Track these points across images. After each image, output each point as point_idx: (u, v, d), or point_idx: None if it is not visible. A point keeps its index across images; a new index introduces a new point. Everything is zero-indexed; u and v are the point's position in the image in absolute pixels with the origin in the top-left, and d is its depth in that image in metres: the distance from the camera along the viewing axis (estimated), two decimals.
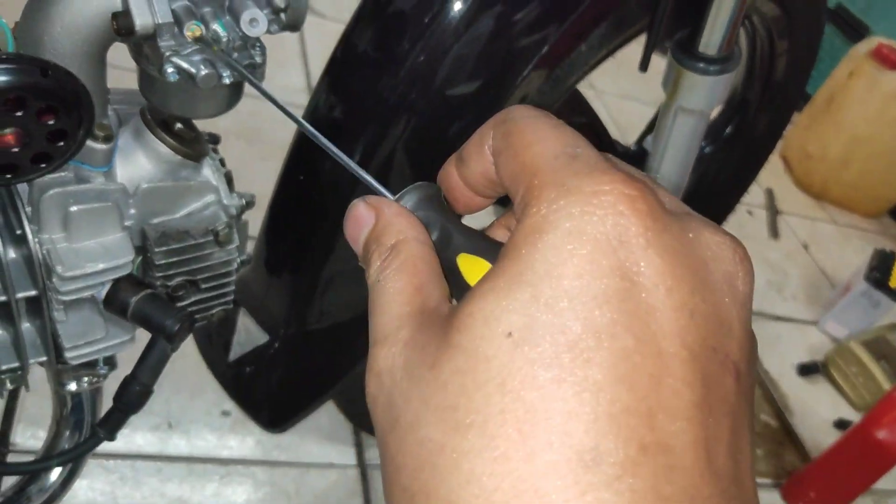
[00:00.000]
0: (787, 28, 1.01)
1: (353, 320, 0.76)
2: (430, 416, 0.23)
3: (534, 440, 0.21)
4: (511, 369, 0.22)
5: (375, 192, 0.32)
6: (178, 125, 0.65)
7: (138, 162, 0.64)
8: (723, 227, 0.27)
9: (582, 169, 0.24)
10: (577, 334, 0.22)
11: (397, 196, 0.32)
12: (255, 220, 0.77)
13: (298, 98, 1.94)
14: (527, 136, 0.27)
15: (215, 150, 0.71)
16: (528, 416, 0.22)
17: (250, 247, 0.80)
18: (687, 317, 0.23)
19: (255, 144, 1.53)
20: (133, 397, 0.64)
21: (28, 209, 0.59)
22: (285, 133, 0.82)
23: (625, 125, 2.41)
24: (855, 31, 2.82)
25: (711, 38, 0.78)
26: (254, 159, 1.62)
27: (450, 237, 0.30)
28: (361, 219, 0.30)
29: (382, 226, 0.29)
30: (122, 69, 0.65)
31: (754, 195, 2.41)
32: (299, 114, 0.65)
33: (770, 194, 2.52)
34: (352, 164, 0.35)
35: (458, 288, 0.29)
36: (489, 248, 0.29)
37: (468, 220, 0.32)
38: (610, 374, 0.22)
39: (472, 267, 0.29)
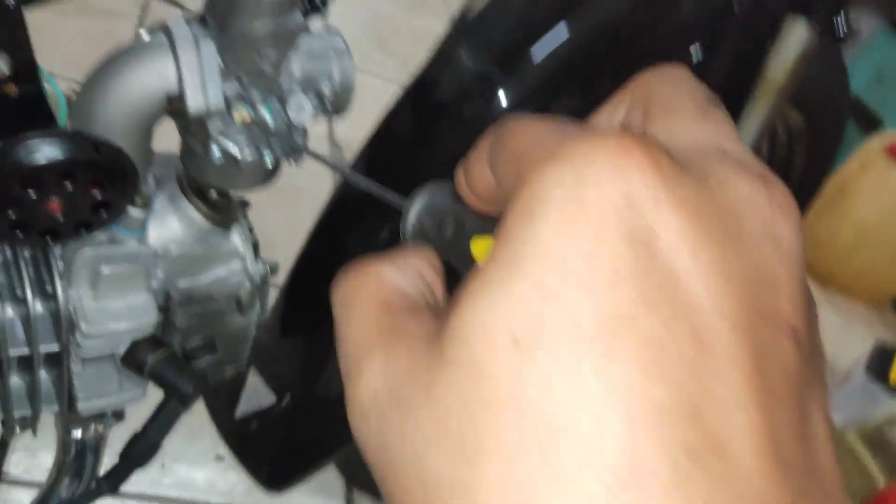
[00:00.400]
0: (806, 137, 1.04)
1: None
2: (435, 449, 0.19)
3: (560, 463, 0.18)
4: (523, 383, 0.19)
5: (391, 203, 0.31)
6: (213, 192, 0.67)
7: (171, 226, 0.66)
8: None
9: (572, 134, 0.21)
10: (593, 326, 0.18)
11: (410, 195, 0.31)
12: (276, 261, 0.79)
13: (321, 145, 1.98)
14: (516, 132, 0.23)
15: (245, 216, 0.72)
16: (550, 435, 0.18)
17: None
18: (721, 279, 0.19)
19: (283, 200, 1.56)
20: (139, 454, 0.65)
21: (60, 263, 0.61)
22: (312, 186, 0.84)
23: None
24: (870, 122, 2.87)
25: None
26: (274, 206, 1.65)
27: (462, 223, 0.28)
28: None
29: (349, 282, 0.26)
30: None
31: None
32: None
33: None
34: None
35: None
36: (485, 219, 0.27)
37: None
38: (638, 369, 0.18)
39: (487, 250, 0.25)
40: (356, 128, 1.72)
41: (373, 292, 0.24)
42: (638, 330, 0.18)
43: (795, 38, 0.70)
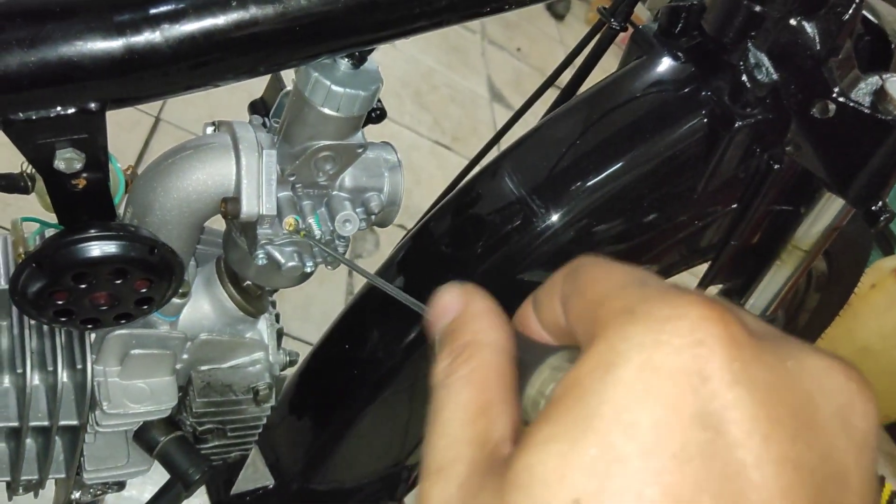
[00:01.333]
0: (824, 285, 1.05)
1: (353, 489, 0.78)
2: None
3: None
4: None
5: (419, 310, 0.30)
6: (249, 281, 0.68)
7: (202, 310, 0.67)
8: None
9: (653, 294, 0.21)
10: (657, 503, 0.18)
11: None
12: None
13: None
14: (594, 274, 0.23)
15: (273, 304, 0.74)
16: None
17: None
18: (790, 471, 0.18)
19: None
20: None
21: (92, 336, 0.62)
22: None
23: None
24: (886, 241, 2.89)
25: (758, 300, 0.81)
26: None
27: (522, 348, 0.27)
28: (448, 305, 0.27)
29: (464, 319, 0.26)
30: None
31: None
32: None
33: None
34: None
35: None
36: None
37: None
38: None
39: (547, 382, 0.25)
40: None
41: (478, 388, 0.24)
42: None
43: (831, 210, 0.72)
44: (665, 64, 0.73)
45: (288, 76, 0.62)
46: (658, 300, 0.20)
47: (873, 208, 0.71)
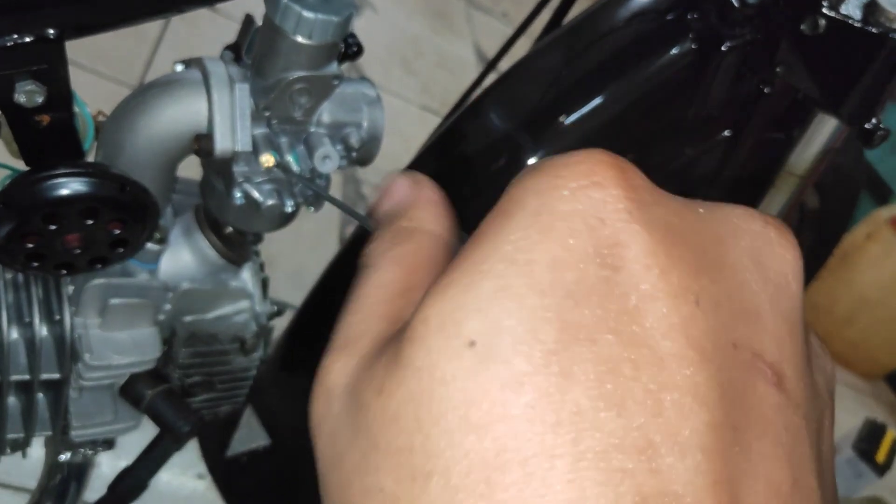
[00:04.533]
0: (817, 222, 1.04)
1: None
2: (381, 459, 0.18)
3: (503, 494, 0.16)
4: (476, 394, 0.17)
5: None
6: (229, 228, 0.67)
7: (183, 259, 0.65)
8: None
9: (563, 154, 0.20)
10: (554, 342, 0.17)
11: None
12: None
13: (333, 176, 1.97)
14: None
15: (257, 253, 0.72)
16: (498, 460, 0.16)
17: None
18: (691, 304, 0.17)
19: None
20: (128, 490, 0.64)
21: (70, 288, 0.60)
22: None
23: None
24: (880, 192, 2.88)
25: None
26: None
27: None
28: (395, 190, 0.26)
29: (408, 205, 0.25)
30: None
31: None
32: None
33: None
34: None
35: None
36: None
37: None
38: (594, 395, 0.16)
39: None
40: None
41: (406, 269, 0.22)
42: (599, 351, 0.17)
43: (823, 132, 0.70)
44: None
45: (259, 15, 0.60)
46: (560, 155, 0.20)
47: (867, 126, 0.69)
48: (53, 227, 0.49)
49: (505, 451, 0.16)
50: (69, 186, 0.48)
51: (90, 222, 0.50)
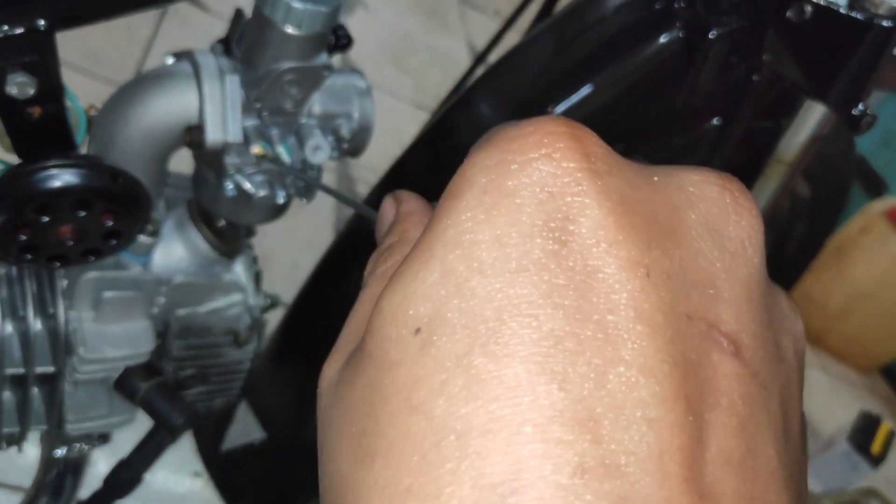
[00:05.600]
0: (809, 211, 1.04)
1: None
2: (342, 444, 0.19)
3: (440, 470, 0.16)
4: (418, 377, 0.17)
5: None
6: (222, 221, 0.67)
7: (176, 252, 0.65)
8: None
9: (508, 123, 0.19)
10: (494, 320, 0.17)
11: None
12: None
13: (326, 174, 1.97)
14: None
15: (250, 246, 0.72)
16: (435, 438, 0.17)
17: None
18: (641, 277, 0.17)
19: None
20: (123, 483, 0.65)
21: (63, 282, 0.61)
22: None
23: None
24: (873, 185, 2.89)
25: None
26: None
27: None
28: (384, 213, 0.27)
29: (394, 221, 0.26)
30: None
31: None
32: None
33: None
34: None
35: None
36: None
37: None
38: (535, 371, 0.16)
39: None
40: (368, 148, 1.72)
41: (386, 276, 0.23)
42: (540, 326, 0.17)
43: (811, 119, 0.71)
44: None
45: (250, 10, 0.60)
46: (510, 126, 0.19)
47: (854, 112, 0.69)
48: (46, 219, 0.50)
49: (441, 430, 0.16)
50: (61, 178, 0.49)
51: (83, 214, 0.50)
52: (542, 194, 0.18)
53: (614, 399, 0.16)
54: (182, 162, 0.64)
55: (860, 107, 0.67)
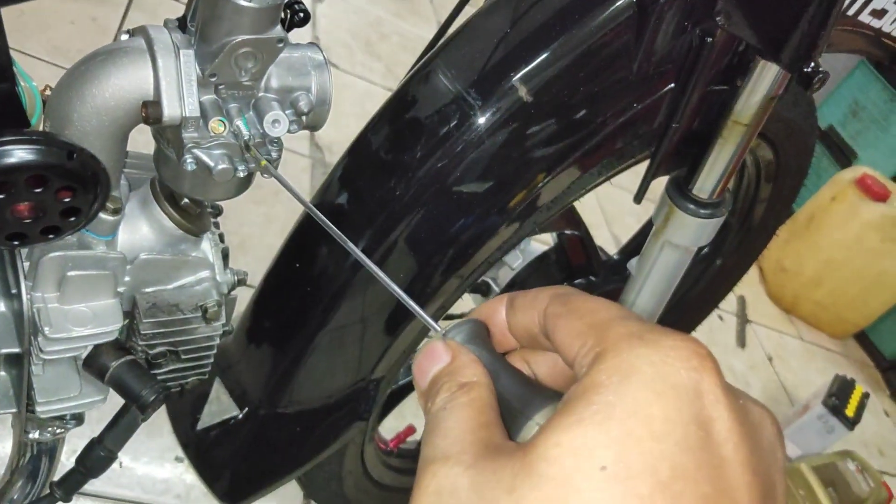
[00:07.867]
0: (774, 174, 1.06)
1: (321, 409, 0.77)
2: None
3: None
4: (604, 502, 0.23)
5: (425, 324, 0.36)
6: (186, 200, 0.67)
7: (140, 231, 0.66)
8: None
9: (654, 328, 0.28)
10: (667, 476, 0.24)
11: (447, 328, 0.34)
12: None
13: (303, 145, 1.97)
14: (589, 304, 0.31)
15: (216, 224, 0.72)
16: None
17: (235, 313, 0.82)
18: (751, 473, 0.25)
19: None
20: (96, 462, 0.65)
21: (26, 264, 0.61)
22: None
23: (611, 213, 2.46)
24: (843, 154, 2.92)
25: (706, 183, 0.81)
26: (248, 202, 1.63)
27: (498, 376, 0.33)
28: (437, 355, 0.33)
29: (458, 366, 0.32)
30: None
31: (728, 301, 2.46)
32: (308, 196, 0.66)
33: (742, 302, 2.57)
34: (402, 295, 0.37)
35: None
36: (535, 394, 0.32)
37: None
38: None
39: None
40: (339, 129, 1.71)
41: (478, 411, 0.30)
42: (697, 490, 0.24)
43: (766, 80, 0.72)
44: None
45: None
46: (661, 333, 0.27)
47: (807, 70, 0.71)
48: (2, 196, 0.50)
49: None
50: (15, 154, 0.49)
51: (39, 191, 0.51)
52: (693, 394, 0.26)
53: None
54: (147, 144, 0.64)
55: (812, 65, 0.68)
